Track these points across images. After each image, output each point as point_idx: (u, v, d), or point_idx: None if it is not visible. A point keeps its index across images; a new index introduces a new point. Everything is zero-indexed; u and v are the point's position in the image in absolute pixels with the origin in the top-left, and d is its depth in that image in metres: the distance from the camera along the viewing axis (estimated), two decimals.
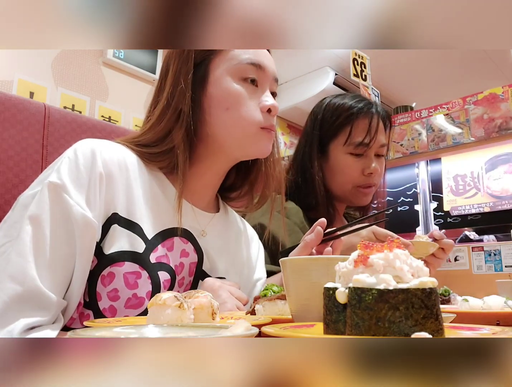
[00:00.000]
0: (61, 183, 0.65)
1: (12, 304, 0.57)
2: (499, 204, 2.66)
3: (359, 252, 0.36)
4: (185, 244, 0.80)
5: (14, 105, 0.97)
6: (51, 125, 1.02)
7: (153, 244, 0.74)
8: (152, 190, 0.77)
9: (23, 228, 0.62)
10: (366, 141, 1.19)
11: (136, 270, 0.70)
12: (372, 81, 2.40)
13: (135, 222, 0.72)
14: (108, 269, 0.69)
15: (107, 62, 3.02)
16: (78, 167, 0.68)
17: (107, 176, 0.71)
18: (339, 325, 0.35)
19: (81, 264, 0.66)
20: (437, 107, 2.64)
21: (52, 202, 0.64)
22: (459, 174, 2.82)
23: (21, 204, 0.68)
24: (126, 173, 0.74)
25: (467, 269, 1.98)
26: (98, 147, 0.72)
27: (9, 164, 0.95)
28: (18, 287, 0.58)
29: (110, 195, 0.71)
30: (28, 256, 0.60)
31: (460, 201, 2.80)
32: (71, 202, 0.65)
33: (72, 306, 0.67)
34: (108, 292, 0.68)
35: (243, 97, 0.78)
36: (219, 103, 0.77)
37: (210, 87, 0.78)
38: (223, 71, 0.78)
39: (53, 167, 0.70)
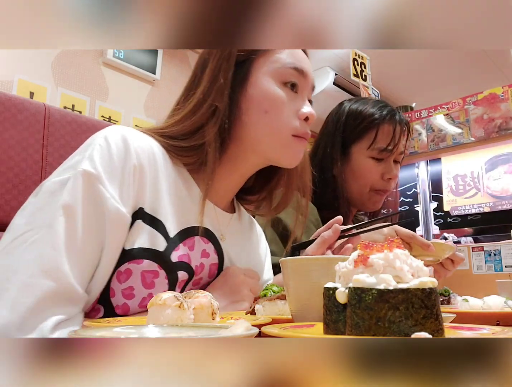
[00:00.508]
0: (96, 173, 0.62)
1: (44, 301, 0.55)
2: (499, 204, 2.66)
3: (359, 252, 0.36)
4: (206, 244, 0.77)
5: (14, 105, 0.97)
6: (51, 125, 1.02)
7: (175, 242, 0.71)
8: (176, 186, 0.74)
9: (56, 218, 0.58)
10: (390, 147, 1.22)
11: (154, 269, 0.67)
12: (372, 81, 2.41)
13: (158, 219, 0.70)
14: (126, 265, 0.66)
15: (107, 62, 3.02)
16: (111, 157, 0.65)
17: (140, 169, 0.68)
18: (339, 325, 0.35)
19: (107, 259, 0.63)
20: (437, 107, 2.64)
21: (87, 192, 0.61)
22: (459, 174, 2.82)
23: (47, 191, 0.62)
24: (154, 166, 0.71)
25: (467, 269, 1.98)
26: (129, 136, 0.69)
27: (9, 165, 0.95)
28: (52, 283, 0.56)
29: (140, 188, 0.68)
30: (62, 250, 0.57)
31: (460, 201, 2.80)
32: (107, 195, 0.62)
33: (91, 301, 0.64)
34: (123, 289, 0.66)
35: (283, 101, 0.76)
36: (259, 105, 0.76)
37: (250, 87, 0.76)
38: (265, 73, 0.76)
39: (82, 153, 0.66)
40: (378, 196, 1.26)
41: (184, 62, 3.59)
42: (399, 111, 1.29)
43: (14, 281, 0.55)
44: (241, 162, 0.81)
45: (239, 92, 0.76)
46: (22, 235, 0.58)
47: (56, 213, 0.59)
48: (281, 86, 0.77)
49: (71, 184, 0.61)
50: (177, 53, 3.50)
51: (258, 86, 0.76)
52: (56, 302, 0.56)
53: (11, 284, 0.54)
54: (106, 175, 0.63)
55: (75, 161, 0.65)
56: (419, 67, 3.79)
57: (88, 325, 0.45)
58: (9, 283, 0.55)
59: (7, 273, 0.56)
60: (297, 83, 0.78)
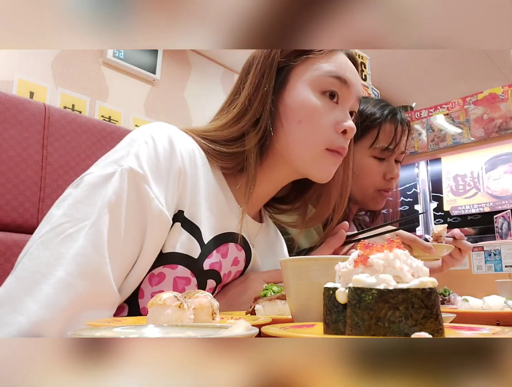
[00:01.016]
0: (142, 173, 0.61)
1: (79, 303, 0.53)
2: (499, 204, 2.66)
3: (359, 252, 0.36)
4: (239, 251, 0.76)
5: (14, 106, 0.97)
6: (51, 125, 1.02)
7: (209, 249, 0.70)
8: (213, 190, 0.73)
9: (100, 216, 0.57)
10: (392, 146, 1.21)
11: (187, 275, 0.66)
12: (372, 81, 2.40)
13: (196, 224, 0.68)
14: (160, 269, 0.65)
15: (107, 62, 3.02)
16: (158, 157, 0.63)
17: (184, 172, 0.67)
18: (339, 325, 0.35)
19: (144, 261, 0.62)
20: (437, 107, 2.64)
21: (132, 191, 0.60)
22: (459, 174, 2.82)
23: (89, 183, 0.60)
24: (194, 169, 0.70)
25: (467, 269, 1.98)
26: (174, 137, 0.67)
27: (10, 165, 0.95)
28: (89, 285, 0.54)
29: (182, 191, 0.67)
30: (104, 251, 0.56)
31: (460, 200, 2.80)
32: (151, 195, 0.61)
33: (120, 301, 0.63)
34: (153, 292, 0.64)
35: (319, 111, 0.72)
36: (293, 114, 0.73)
37: (287, 95, 0.73)
38: (304, 81, 0.73)
39: (126, 148, 0.64)
40: (381, 196, 1.26)
41: (184, 62, 3.59)
42: (400, 111, 1.29)
43: (50, 277, 0.52)
44: (276, 172, 0.78)
45: (277, 100, 0.74)
46: (58, 226, 0.56)
47: (100, 210, 0.57)
48: (319, 95, 0.73)
49: (117, 182, 0.59)
50: (177, 53, 3.50)
51: (294, 94, 0.73)
52: (91, 305, 0.55)
53: (46, 279, 0.52)
54: (152, 175, 0.62)
55: (119, 156, 0.63)
56: (419, 67, 3.79)
57: (88, 325, 0.45)
58: (44, 277, 0.52)
59: (40, 265, 0.53)
60: (337, 93, 0.74)
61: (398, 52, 3.52)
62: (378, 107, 1.25)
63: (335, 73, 0.73)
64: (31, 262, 0.54)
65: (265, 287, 0.67)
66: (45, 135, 1.01)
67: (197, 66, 3.68)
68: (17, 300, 0.51)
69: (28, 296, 0.51)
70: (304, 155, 0.74)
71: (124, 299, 0.63)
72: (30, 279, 0.52)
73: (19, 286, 0.52)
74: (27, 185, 0.97)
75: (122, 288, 0.62)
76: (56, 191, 1.01)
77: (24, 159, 0.97)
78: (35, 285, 0.52)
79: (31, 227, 0.96)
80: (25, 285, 0.52)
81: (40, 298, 0.51)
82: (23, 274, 0.53)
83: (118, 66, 3.08)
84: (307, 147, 0.73)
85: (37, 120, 1.00)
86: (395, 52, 3.51)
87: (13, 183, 0.95)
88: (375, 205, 1.28)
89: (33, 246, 0.55)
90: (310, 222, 0.87)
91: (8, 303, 0.51)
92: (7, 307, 0.51)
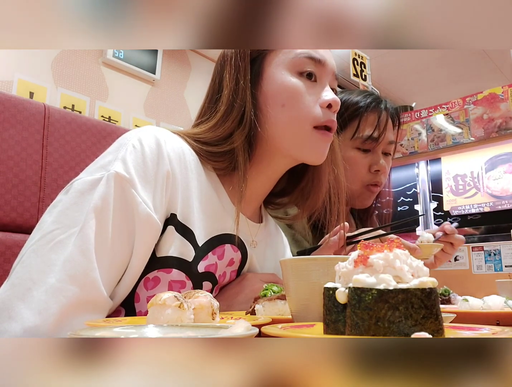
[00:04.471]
0: (129, 177, 0.61)
1: (70, 308, 0.54)
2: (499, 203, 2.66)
3: (359, 252, 0.36)
4: (235, 253, 0.75)
5: (14, 106, 0.97)
6: (51, 125, 1.02)
7: (204, 251, 0.69)
8: (207, 191, 0.72)
9: (87, 221, 0.57)
10: (375, 135, 1.15)
11: (182, 279, 0.66)
12: (372, 81, 2.41)
13: (189, 227, 0.68)
14: (155, 273, 0.65)
15: (107, 62, 3.02)
16: (145, 161, 0.63)
17: (172, 174, 0.66)
18: (339, 325, 0.35)
19: (136, 265, 0.62)
20: (437, 107, 2.64)
21: (119, 196, 0.60)
22: (459, 174, 2.82)
23: (77, 190, 0.60)
24: (185, 172, 0.69)
25: (467, 269, 1.98)
26: (162, 139, 0.67)
27: (9, 165, 0.95)
28: (78, 290, 0.54)
29: (172, 194, 0.66)
30: (91, 256, 0.56)
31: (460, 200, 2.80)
32: (138, 199, 0.61)
33: (115, 306, 0.63)
34: (149, 296, 0.64)
35: (300, 92, 0.72)
36: (275, 100, 0.72)
37: (265, 83, 0.73)
38: (278, 66, 0.73)
39: (114, 153, 0.64)
40: (368, 192, 1.20)
41: (184, 62, 3.59)
42: (386, 100, 1.23)
43: (41, 283, 0.53)
44: (268, 164, 0.78)
45: (257, 91, 0.73)
46: (49, 233, 0.57)
47: (86, 216, 0.57)
48: (297, 76, 0.73)
49: (103, 187, 0.59)
50: (177, 53, 3.51)
51: (272, 80, 0.73)
52: (81, 309, 0.55)
53: (38, 286, 0.53)
54: (139, 180, 0.62)
55: (107, 161, 0.63)
56: (419, 67, 3.79)
57: (88, 325, 0.45)
58: (36, 284, 0.53)
59: (32, 272, 0.54)
60: (314, 72, 0.73)
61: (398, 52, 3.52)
62: (361, 96, 1.20)
63: (307, 53, 0.73)
64: (23, 269, 0.55)
65: (265, 287, 0.67)
66: (44, 135, 1.01)
67: (197, 66, 3.68)
68: (11, 307, 0.52)
69: (21, 302, 0.52)
70: (293, 138, 0.73)
71: (119, 303, 0.64)
72: (23, 286, 0.54)
73: (13, 293, 0.53)
74: (27, 185, 0.97)
75: (116, 292, 0.62)
76: (56, 191, 1.01)
77: (23, 159, 0.97)
78: (28, 292, 0.53)
79: (31, 227, 0.96)
80: (18, 292, 0.53)
81: (32, 305, 0.52)
82: (16, 282, 0.54)
83: (118, 66, 3.08)
84: (295, 129, 0.73)
85: (37, 120, 1.00)
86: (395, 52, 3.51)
87: (12, 183, 0.95)
88: (362, 201, 1.22)
89: (25, 254, 0.57)
90: (308, 208, 0.86)
91: (3, 311, 0.52)
92: (2, 314, 0.52)
